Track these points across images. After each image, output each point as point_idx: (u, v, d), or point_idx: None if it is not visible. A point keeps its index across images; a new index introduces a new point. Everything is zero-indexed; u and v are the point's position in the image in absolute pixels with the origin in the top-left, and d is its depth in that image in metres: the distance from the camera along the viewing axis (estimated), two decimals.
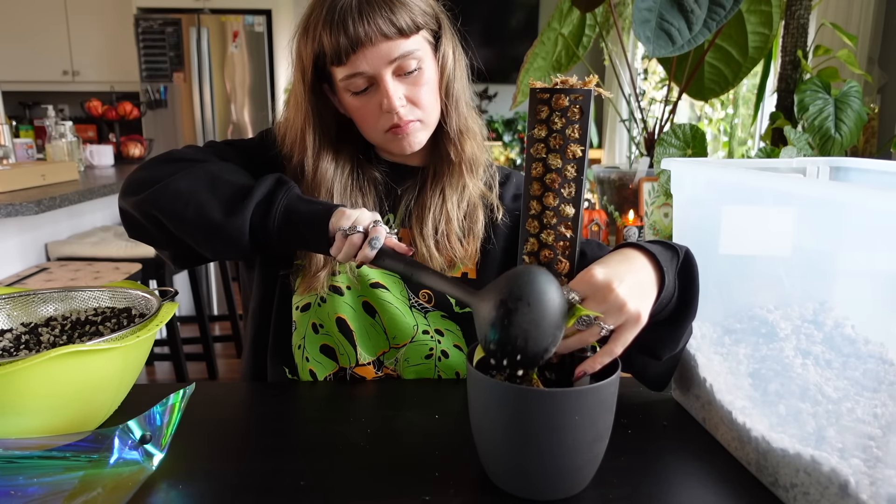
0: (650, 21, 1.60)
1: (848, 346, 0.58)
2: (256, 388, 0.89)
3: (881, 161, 0.77)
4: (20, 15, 4.53)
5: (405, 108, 0.81)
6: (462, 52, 0.88)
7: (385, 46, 0.77)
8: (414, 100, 0.82)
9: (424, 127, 0.85)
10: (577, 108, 0.61)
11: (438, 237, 0.87)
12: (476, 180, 0.90)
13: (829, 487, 0.54)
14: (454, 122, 0.86)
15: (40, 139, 3.22)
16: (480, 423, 0.60)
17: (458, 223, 0.88)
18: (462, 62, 0.87)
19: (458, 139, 0.87)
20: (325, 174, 0.85)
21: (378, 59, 0.77)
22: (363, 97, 0.81)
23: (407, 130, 0.82)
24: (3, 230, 2.03)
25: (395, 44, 0.77)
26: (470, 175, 0.89)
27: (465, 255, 0.88)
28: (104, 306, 0.83)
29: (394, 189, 0.91)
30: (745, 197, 0.70)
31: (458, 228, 0.88)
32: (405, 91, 0.81)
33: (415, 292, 0.89)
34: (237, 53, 4.39)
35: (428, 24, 0.81)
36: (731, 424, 0.67)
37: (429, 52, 0.82)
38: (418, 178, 0.91)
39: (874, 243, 0.52)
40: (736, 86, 2.04)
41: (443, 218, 0.87)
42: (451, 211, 0.88)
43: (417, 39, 0.80)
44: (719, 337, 0.73)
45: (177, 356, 2.30)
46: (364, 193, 0.89)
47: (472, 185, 0.89)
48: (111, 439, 0.58)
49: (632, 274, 0.61)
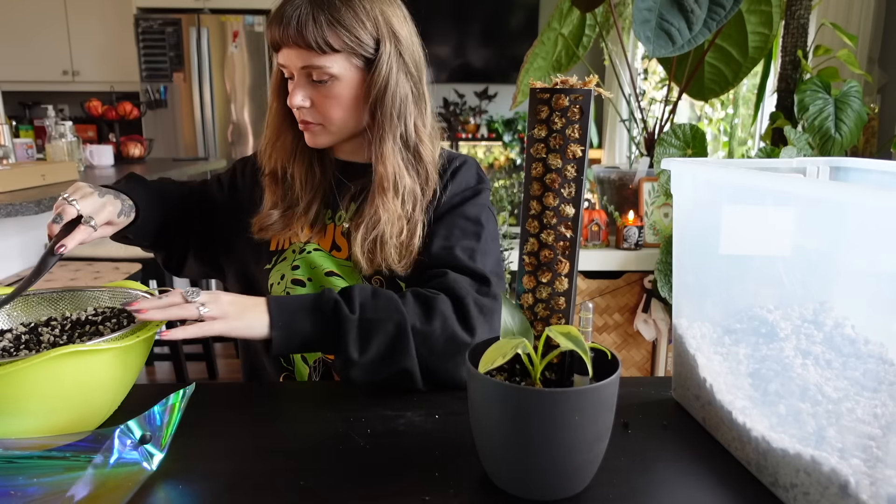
0: (650, 21, 1.60)
1: (848, 346, 0.58)
2: (256, 388, 0.89)
3: (881, 161, 0.77)
4: (20, 15, 4.53)
5: (306, 111, 0.89)
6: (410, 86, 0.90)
7: (297, 53, 0.85)
8: (319, 107, 0.89)
9: (326, 132, 0.91)
10: (577, 108, 0.61)
11: (370, 243, 0.90)
12: (392, 203, 0.90)
13: (829, 487, 0.54)
14: (375, 146, 0.90)
15: (40, 139, 3.22)
16: (480, 423, 0.60)
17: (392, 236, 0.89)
18: (400, 95, 0.89)
19: (375, 161, 0.90)
20: (284, 138, 0.94)
21: (291, 60, 0.86)
22: (291, 85, 0.90)
23: (308, 129, 0.91)
24: (3, 230, 2.03)
25: (306, 54, 0.85)
26: (383, 195, 0.89)
27: (397, 265, 0.90)
28: (104, 306, 0.83)
29: (345, 184, 0.97)
30: (745, 197, 0.70)
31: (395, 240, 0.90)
32: (314, 95, 0.88)
33: (368, 281, 0.93)
34: (237, 53, 4.39)
35: (355, 50, 0.86)
36: (731, 424, 0.67)
37: (350, 73, 0.87)
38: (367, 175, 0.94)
39: (874, 243, 0.52)
40: (736, 86, 2.04)
41: (375, 225, 0.89)
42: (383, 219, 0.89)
43: (334, 58, 0.85)
44: (719, 337, 0.73)
45: (177, 356, 2.30)
46: (312, 169, 0.96)
47: (383, 205, 0.89)
48: (111, 439, 0.58)
49: (248, 307, 0.76)
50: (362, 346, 0.78)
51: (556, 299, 0.65)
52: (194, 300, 0.73)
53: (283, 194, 0.96)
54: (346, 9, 0.84)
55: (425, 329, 0.79)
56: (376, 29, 0.86)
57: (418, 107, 0.92)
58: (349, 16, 0.84)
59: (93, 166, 2.98)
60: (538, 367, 0.61)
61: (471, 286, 0.85)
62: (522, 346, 0.58)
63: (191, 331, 0.72)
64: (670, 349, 1.93)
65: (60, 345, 0.72)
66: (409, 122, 0.91)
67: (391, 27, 0.88)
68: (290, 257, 0.95)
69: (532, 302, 0.66)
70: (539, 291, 0.65)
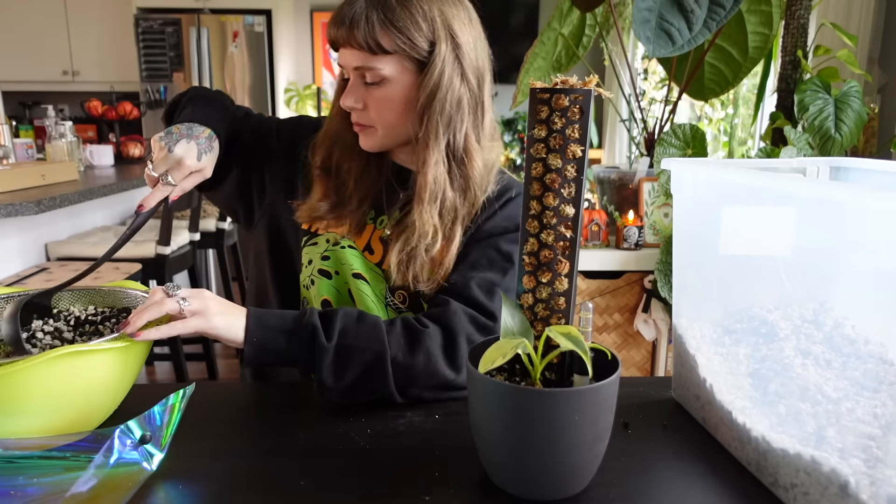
0: (650, 21, 1.60)
1: (848, 346, 0.58)
2: (256, 388, 0.89)
3: (881, 161, 0.77)
4: (20, 15, 4.53)
5: (359, 112, 0.87)
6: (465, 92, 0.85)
7: (352, 53, 0.83)
8: (371, 109, 0.86)
9: (377, 135, 0.88)
10: (577, 108, 0.61)
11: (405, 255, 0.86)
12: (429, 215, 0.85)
13: (829, 487, 0.54)
14: (420, 152, 0.86)
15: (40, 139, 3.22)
16: (480, 423, 0.60)
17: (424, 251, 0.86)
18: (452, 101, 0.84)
19: (417, 168, 0.86)
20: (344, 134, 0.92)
21: (346, 60, 0.85)
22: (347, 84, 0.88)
23: (360, 130, 0.89)
24: (3, 230, 2.03)
25: (359, 54, 0.83)
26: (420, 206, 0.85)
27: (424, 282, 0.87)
28: (104, 306, 0.83)
29: (395, 189, 0.93)
30: (745, 197, 0.70)
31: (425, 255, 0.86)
32: (366, 97, 0.86)
33: (392, 292, 0.91)
34: (237, 53, 4.39)
35: (407, 52, 0.82)
36: (731, 424, 0.67)
37: (402, 76, 0.84)
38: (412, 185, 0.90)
39: (874, 243, 0.52)
40: (736, 86, 2.04)
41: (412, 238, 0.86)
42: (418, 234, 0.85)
43: (386, 60, 0.83)
44: (719, 337, 0.73)
45: (177, 356, 2.30)
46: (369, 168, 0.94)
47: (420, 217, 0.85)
48: (111, 439, 0.58)
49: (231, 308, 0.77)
50: (337, 372, 0.76)
51: (556, 299, 0.65)
52: (175, 294, 0.73)
53: (334, 187, 0.93)
54: (402, 9, 0.81)
55: (407, 362, 0.77)
56: (432, 31, 0.82)
57: (474, 116, 0.87)
58: (404, 16, 0.81)
59: (93, 166, 2.98)
60: (538, 367, 0.61)
61: (469, 322, 0.82)
62: (522, 346, 0.58)
63: (163, 330, 0.71)
64: (670, 349, 1.93)
65: (60, 345, 0.72)
66: (460, 132, 0.86)
67: (450, 29, 0.83)
68: (323, 245, 0.93)
69: (532, 302, 0.66)
70: (539, 291, 0.65)
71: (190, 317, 0.73)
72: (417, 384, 0.79)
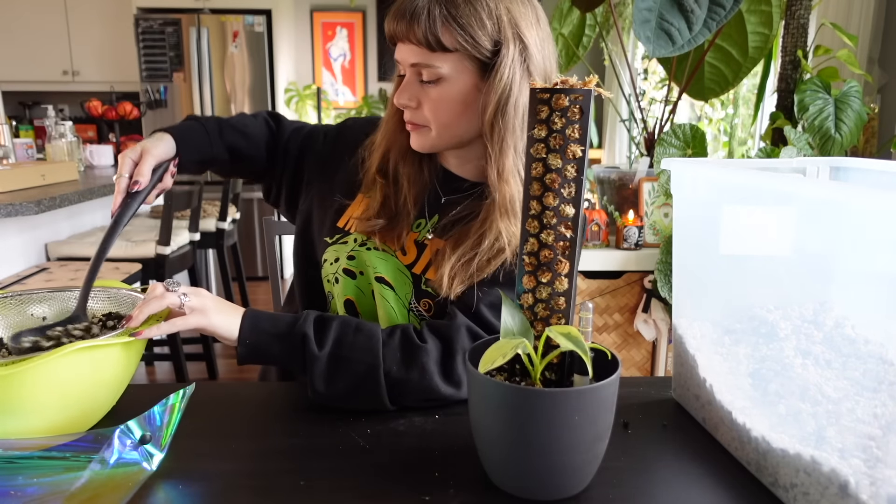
0: (650, 21, 1.60)
1: (848, 346, 0.58)
2: (256, 388, 0.89)
3: (881, 161, 0.77)
4: (20, 15, 4.53)
5: (411, 111, 0.84)
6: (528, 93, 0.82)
7: (408, 48, 0.81)
8: (426, 108, 0.83)
9: (430, 135, 0.85)
10: (577, 108, 0.61)
11: (461, 265, 0.83)
12: (512, 226, 0.82)
13: (829, 487, 0.54)
14: (493, 159, 0.81)
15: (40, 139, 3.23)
16: (480, 423, 0.60)
17: (478, 263, 0.83)
18: (524, 105, 0.80)
19: (496, 177, 0.82)
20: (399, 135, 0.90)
21: (404, 56, 0.82)
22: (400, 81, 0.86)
23: (412, 129, 0.86)
24: (3, 230, 2.03)
25: (416, 50, 0.80)
26: (505, 218, 0.82)
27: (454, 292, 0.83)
28: (96, 306, 0.83)
29: (439, 195, 0.91)
30: (745, 197, 0.70)
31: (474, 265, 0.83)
32: (421, 95, 0.83)
33: (417, 299, 0.88)
34: (237, 53, 4.39)
35: (469, 51, 0.79)
36: (731, 424, 0.67)
37: (462, 76, 0.81)
38: (471, 195, 0.88)
39: (874, 243, 0.52)
40: (736, 86, 2.04)
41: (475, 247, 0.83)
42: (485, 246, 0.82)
43: (445, 58, 0.79)
44: (719, 337, 0.73)
45: (177, 356, 2.30)
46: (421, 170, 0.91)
47: (505, 229, 0.82)
48: (111, 439, 0.58)
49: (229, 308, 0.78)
50: (329, 381, 0.76)
51: (556, 299, 0.65)
52: (176, 290, 0.74)
53: (392, 193, 0.90)
54: (466, 5, 0.77)
55: (401, 377, 0.77)
56: (498, 30, 0.78)
57: None
58: (468, 12, 0.77)
59: (93, 166, 2.98)
60: (538, 367, 0.61)
61: (470, 339, 0.80)
62: (522, 346, 0.58)
63: (164, 327, 0.72)
64: (670, 349, 1.93)
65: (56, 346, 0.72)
66: (522, 140, 0.81)
67: (517, 29, 0.79)
68: (350, 244, 0.91)
69: (532, 302, 0.66)
70: (539, 291, 0.65)
71: (189, 313, 0.74)
72: (411, 398, 0.78)
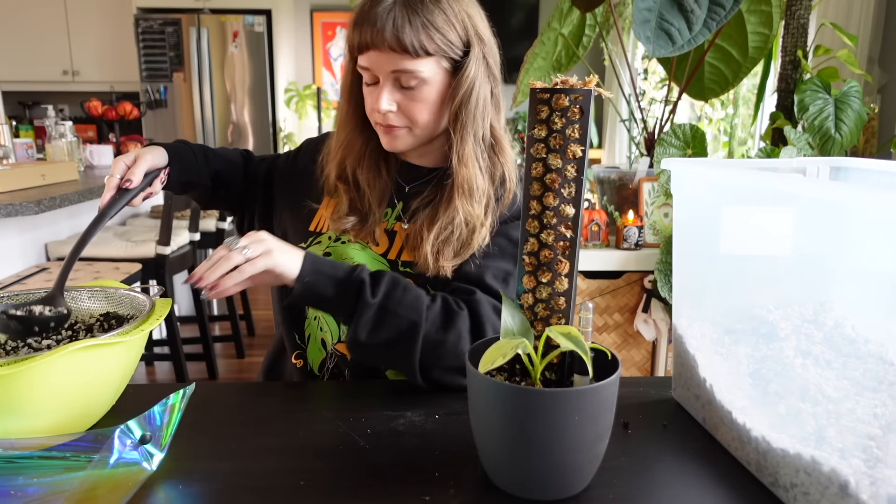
0: (650, 21, 1.60)
1: (848, 346, 0.58)
2: (256, 388, 0.89)
3: (881, 161, 0.77)
4: (20, 15, 4.53)
5: (393, 115, 0.87)
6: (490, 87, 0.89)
7: (388, 56, 0.82)
8: (405, 110, 0.86)
9: (411, 135, 0.90)
10: (577, 108, 0.61)
11: (438, 244, 0.89)
12: (469, 205, 0.89)
13: (829, 487, 0.54)
14: (455, 146, 0.88)
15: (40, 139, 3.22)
16: (480, 422, 0.60)
17: (459, 234, 0.89)
18: (483, 97, 0.88)
19: (455, 162, 0.88)
20: (354, 142, 0.94)
21: (380, 64, 0.83)
22: (371, 89, 0.88)
23: (391, 132, 0.89)
24: (3, 230, 2.03)
25: (399, 58, 0.82)
26: (462, 198, 0.89)
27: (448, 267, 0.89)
28: (94, 306, 0.83)
29: (402, 186, 0.96)
30: (745, 197, 0.70)
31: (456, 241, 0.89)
32: (400, 99, 0.86)
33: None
34: (237, 53, 4.39)
35: (446, 53, 0.84)
36: (731, 424, 0.67)
37: (438, 76, 0.85)
38: (433, 181, 0.94)
39: (874, 243, 0.52)
40: (736, 86, 2.04)
41: (449, 225, 0.89)
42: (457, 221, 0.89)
43: (425, 62, 0.83)
44: (719, 337, 0.73)
45: (177, 356, 2.30)
46: (386, 170, 0.96)
47: (462, 207, 0.89)
48: (111, 439, 0.58)
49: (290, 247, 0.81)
50: (373, 330, 0.80)
51: (556, 299, 0.65)
52: (236, 247, 0.76)
53: (357, 197, 0.95)
54: (438, 11, 0.82)
55: (438, 338, 0.81)
56: (465, 31, 0.85)
57: (496, 108, 0.91)
58: (441, 18, 0.82)
59: (93, 166, 2.98)
60: (538, 367, 0.61)
61: (493, 311, 0.85)
62: (522, 346, 0.58)
63: (235, 276, 0.76)
64: (670, 349, 1.93)
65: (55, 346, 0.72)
66: (487, 123, 0.90)
67: (476, 29, 0.86)
68: (325, 242, 0.95)
69: (532, 302, 0.66)
70: (539, 291, 0.65)
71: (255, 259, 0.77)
72: (442, 363, 0.81)
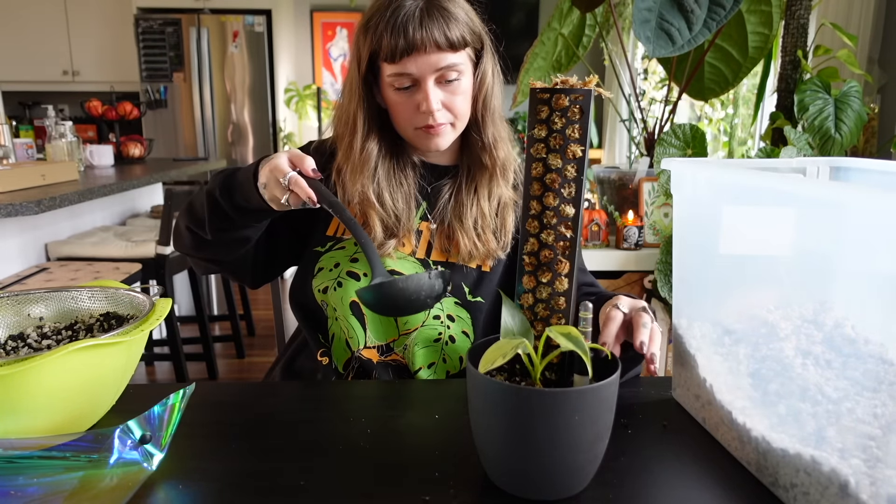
0: (650, 21, 1.60)
1: (848, 346, 0.58)
2: (256, 388, 0.89)
3: (881, 161, 0.77)
4: (20, 15, 4.53)
5: (440, 112, 0.90)
6: (500, 71, 0.97)
7: (435, 56, 0.86)
8: (449, 105, 0.91)
9: (454, 130, 0.94)
10: (577, 108, 0.61)
11: (478, 230, 0.95)
12: (506, 183, 0.99)
13: (829, 487, 0.54)
14: (490, 131, 0.96)
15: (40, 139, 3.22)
16: (480, 422, 0.60)
17: (492, 220, 0.97)
18: (498, 80, 0.96)
19: (492, 146, 0.96)
20: (371, 153, 0.95)
21: (426, 65, 0.87)
22: (404, 94, 0.90)
23: (438, 131, 0.92)
24: (3, 230, 2.03)
25: (444, 55, 0.87)
26: (502, 178, 0.98)
27: (497, 247, 0.96)
28: (94, 306, 0.83)
29: (423, 187, 0.99)
30: (745, 197, 0.70)
31: (493, 224, 0.97)
32: (443, 97, 0.90)
33: None
34: (237, 53, 4.39)
35: (472, 43, 0.91)
36: (731, 424, 0.67)
37: (469, 67, 0.92)
38: (453, 177, 0.99)
39: (874, 243, 0.52)
40: (736, 86, 2.04)
41: (479, 214, 0.96)
42: (485, 209, 0.96)
43: (462, 54, 0.89)
44: (719, 337, 0.73)
45: (177, 356, 2.30)
46: (405, 176, 0.98)
47: (503, 186, 0.98)
48: (111, 439, 0.58)
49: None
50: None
51: (556, 299, 0.65)
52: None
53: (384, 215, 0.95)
54: (456, 5, 0.88)
55: None
56: (475, 22, 0.91)
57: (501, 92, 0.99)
58: (461, 11, 0.88)
59: (93, 166, 2.98)
60: (538, 367, 0.61)
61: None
62: (522, 346, 0.58)
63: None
64: (670, 349, 1.93)
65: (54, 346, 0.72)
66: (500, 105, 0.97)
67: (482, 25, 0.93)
68: (350, 248, 0.96)
69: (532, 302, 0.66)
70: (539, 291, 0.65)
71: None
72: None
